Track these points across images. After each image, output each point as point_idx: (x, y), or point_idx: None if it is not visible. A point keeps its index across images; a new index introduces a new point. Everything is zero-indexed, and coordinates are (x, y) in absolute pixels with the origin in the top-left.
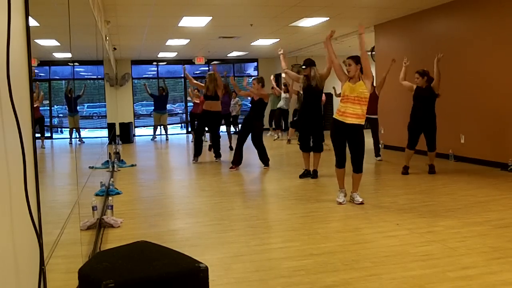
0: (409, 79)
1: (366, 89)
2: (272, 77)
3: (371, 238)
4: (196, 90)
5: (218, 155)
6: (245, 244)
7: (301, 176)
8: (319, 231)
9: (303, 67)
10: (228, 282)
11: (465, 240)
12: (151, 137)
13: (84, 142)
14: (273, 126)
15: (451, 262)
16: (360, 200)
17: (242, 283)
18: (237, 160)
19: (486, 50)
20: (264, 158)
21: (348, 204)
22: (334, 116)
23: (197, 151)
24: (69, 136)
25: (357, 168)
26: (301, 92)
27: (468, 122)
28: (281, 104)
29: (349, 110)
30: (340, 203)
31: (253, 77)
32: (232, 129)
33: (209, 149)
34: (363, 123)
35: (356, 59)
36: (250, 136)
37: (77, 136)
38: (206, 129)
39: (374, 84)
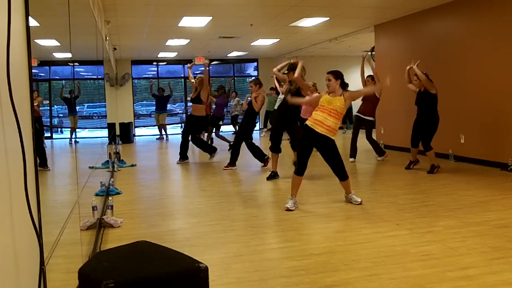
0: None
1: (343, 106)
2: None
3: (371, 238)
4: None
5: (211, 150)
6: (245, 244)
7: (268, 178)
8: (319, 231)
9: (286, 72)
10: (228, 282)
11: (465, 240)
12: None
13: (78, 142)
14: (269, 127)
15: (451, 262)
16: (359, 201)
17: (242, 283)
18: (232, 160)
19: (486, 50)
20: (258, 156)
21: (348, 204)
22: (306, 123)
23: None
24: (69, 136)
25: (341, 176)
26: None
27: (468, 122)
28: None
29: (321, 119)
30: (288, 209)
31: (249, 80)
32: (232, 128)
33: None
34: (333, 137)
35: (336, 74)
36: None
37: (73, 136)
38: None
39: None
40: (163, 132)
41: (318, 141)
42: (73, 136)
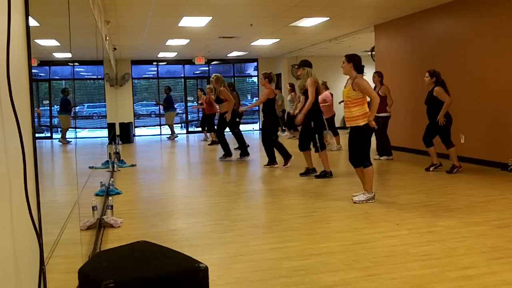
0: (419, 78)
1: (354, 92)
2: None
3: (371, 238)
4: (199, 91)
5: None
6: (245, 244)
7: (317, 176)
8: (319, 231)
9: (296, 66)
10: (228, 282)
11: (465, 240)
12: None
13: (70, 143)
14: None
15: (451, 262)
16: (355, 200)
17: (242, 283)
18: (270, 158)
19: (486, 50)
20: (271, 156)
21: (348, 204)
22: None
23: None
24: (60, 136)
25: (350, 161)
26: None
27: (468, 122)
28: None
29: (346, 114)
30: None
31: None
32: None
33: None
34: (359, 124)
35: (348, 58)
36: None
37: (66, 136)
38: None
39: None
40: (173, 131)
41: (351, 132)
42: (66, 135)
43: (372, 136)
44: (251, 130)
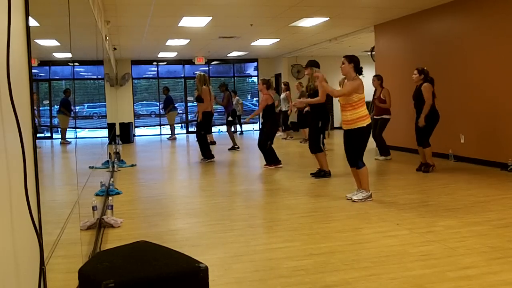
0: (409, 75)
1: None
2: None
3: (371, 238)
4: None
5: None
6: (245, 244)
7: (315, 175)
8: (319, 231)
9: (304, 66)
10: (228, 282)
11: (465, 240)
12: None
13: (70, 143)
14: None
15: (451, 262)
16: (354, 198)
17: (242, 283)
18: (268, 160)
19: (486, 50)
20: (269, 158)
21: (348, 204)
22: None
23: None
24: (69, 136)
25: (350, 163)
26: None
27: (468, 122)
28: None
29: (342, 118)
30: (352, 199)
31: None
32: (238, 128)
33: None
34: (354, 127)
35: (350, 58)
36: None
37: (66, 136)
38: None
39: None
40: (174, 132)
41: (345, 135)
42: (65, 136)
43: (369, 138)
44: (251, 130)
